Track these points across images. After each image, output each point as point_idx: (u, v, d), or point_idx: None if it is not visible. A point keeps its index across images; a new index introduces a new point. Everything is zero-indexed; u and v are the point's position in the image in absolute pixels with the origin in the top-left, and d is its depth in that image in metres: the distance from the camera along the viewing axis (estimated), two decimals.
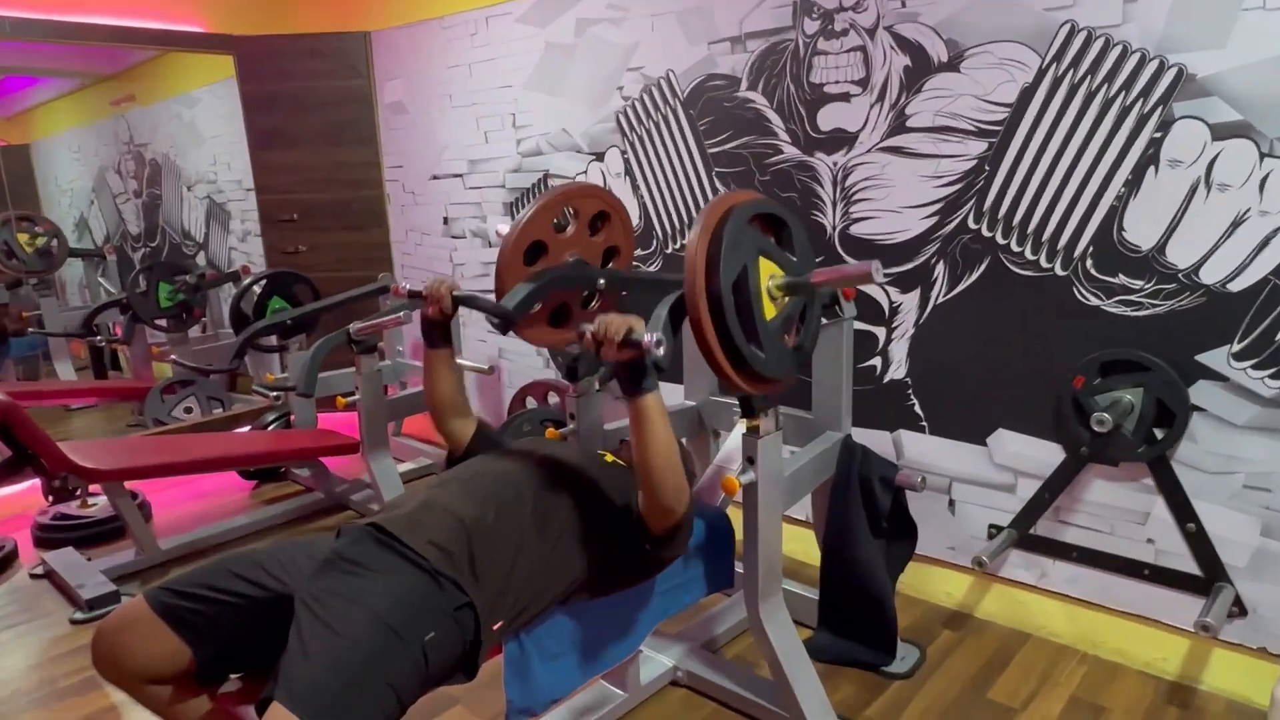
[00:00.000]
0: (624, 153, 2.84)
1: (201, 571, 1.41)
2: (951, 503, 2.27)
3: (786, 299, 1.57)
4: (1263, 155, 1.69)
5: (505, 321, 1.68)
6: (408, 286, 1.80)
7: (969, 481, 2.22)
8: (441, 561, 1.39)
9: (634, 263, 2.87)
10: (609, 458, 1.79)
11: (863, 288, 2.28)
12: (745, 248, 1.48)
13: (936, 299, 2.18)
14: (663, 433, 1.46)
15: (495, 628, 1.42)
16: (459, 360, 3.06)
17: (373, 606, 1.26)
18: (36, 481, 2.53)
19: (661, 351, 1.39)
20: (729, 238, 1.45)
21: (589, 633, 1.66)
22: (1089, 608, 2.08)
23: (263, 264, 4.15)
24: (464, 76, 3.31)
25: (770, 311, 1.53)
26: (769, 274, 1.54)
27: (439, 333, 1.79)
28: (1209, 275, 1.79)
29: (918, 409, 2.28)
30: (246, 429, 3.65)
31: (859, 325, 2.31)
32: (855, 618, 2.00)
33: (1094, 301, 1.93)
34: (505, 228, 1.81)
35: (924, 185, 2.14)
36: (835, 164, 2.30)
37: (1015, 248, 2.03)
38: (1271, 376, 1.76)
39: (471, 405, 3.67)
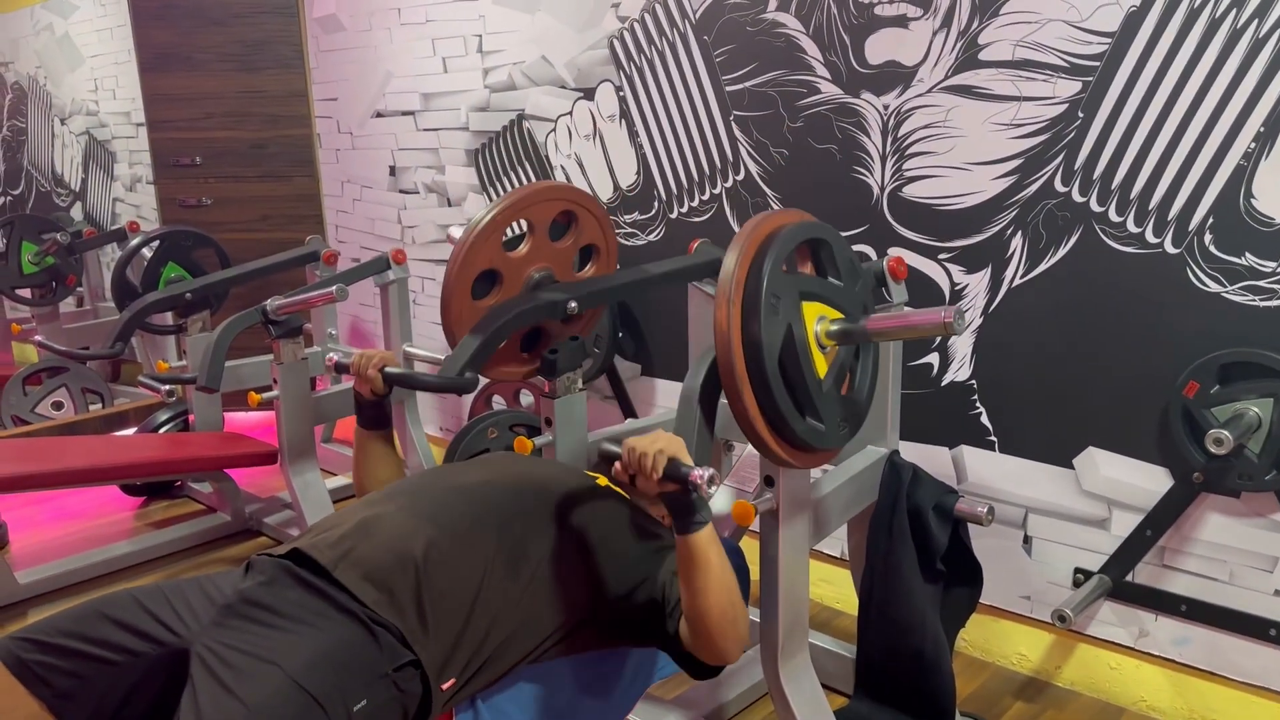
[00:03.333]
0: (619, 89, 2.84)
1: (70, 617, 1.41)
2: (1027, 540, 2.28)
3: (838, 346, 1.59)
4: None
5: (459, 390, 1.75)
6: (336, 358, 1.96)
7: (1050, 514, 2.23)
8: (381, 605, 1.40)
9: (633, 230, 2.88)
10: (602, 481, 1.80)
11: (919, 266, 2.29)
12: (786, 303, 1.50)
13: (1012, 281, 2.18)
14: (719, 574, 1.48)
15: (445, 687, 1.44)
16: (409, 349, 3.10)
17: (287, 666, 1.27)
18: None
19: (715, 489, 1.43)
20: (766, 302, 1.47)
21: (563, 698, 1.67)
22: (1201, 677, 2.10)
23: (156, 220, 4.15)
24: None
25: (821, 367, 1.56)
26: (815, 317, 1.56)
27: (372, 413, 1.89)
28: None
29: (985, 420, 2.29)
30: (132, 431, 3.65)
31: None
32: (901, 683, 2.01)
33: (1213, 287, 1.93)
34: (459, 232, 1.87)
35: (999, 136, 2.15)
36: (886, 107, 2.30)
37: (1114, 217, 2.03)
38: None
39: (426, 406, 3.69)
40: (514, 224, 1.90)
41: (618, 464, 1.48)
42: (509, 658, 1.54)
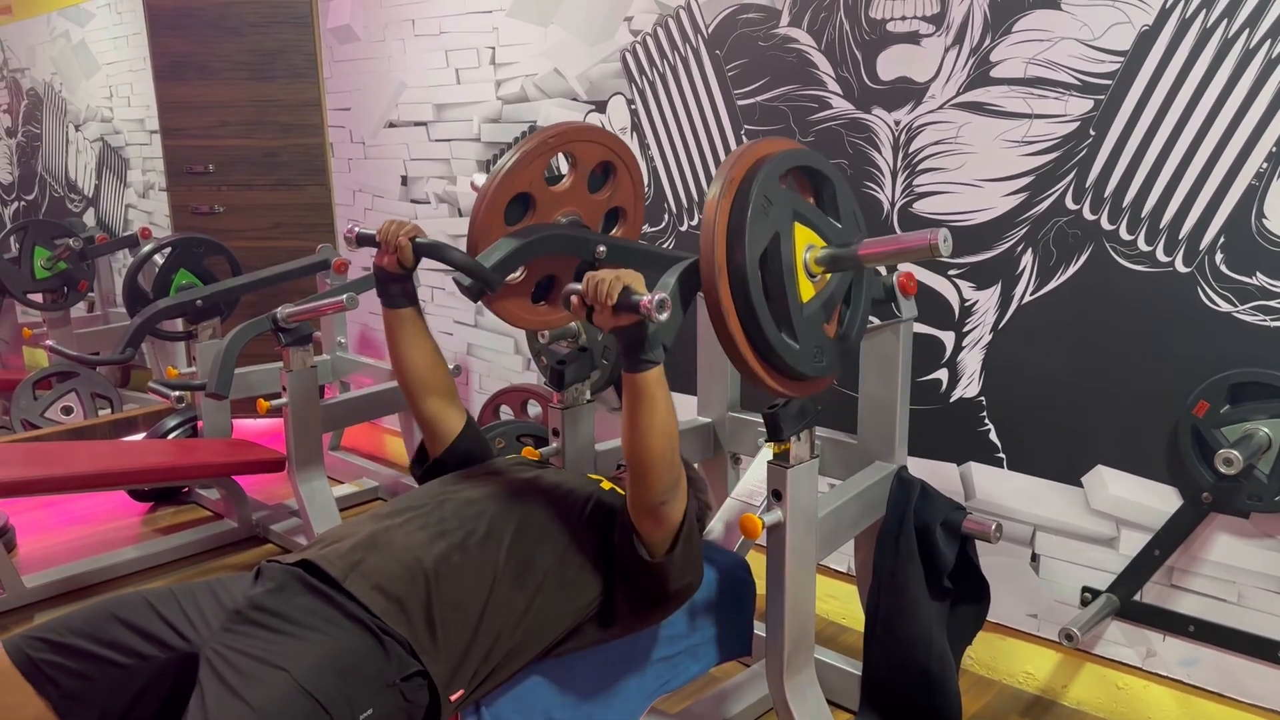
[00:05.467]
0: (631, 103, 2.85)
1: (81, 617, 1.42)
2: (1035, 558, 2.28)
3: (827, 276, 1.58)
4: None
5: (480, 284, 1.68)
6: (358, 229, 1.83)
7: (1058, 532, 2.23)
8: (390, 614, 1.40)
9: (643, 243, 2.88)
10: (606, 484, 1.81)
11: (929, 281, 2.29)
12: (778, 211, 1.50)
13: (1021, 298, 2.19)
14: (663, 414, 1.49)
15: (454, 698, 1.44)
16: None
17: (294, 671, 1.27)
18: None
19: (664, 316, 1.42)
20: (758, 197, 1.46)
21: (566, 707, 1.67)
22: (1208, 698, 2.09)
23: (168, 227, 4.18)
24: None
25: (807, 291, 1.55)
26: (806, 244, 1.56)
27: (398, 289, 1.80)
28: None
29: (993, 436, 2.29)
30: (141, 436, 3.67)
31: (920, 328, 2.32)
32: (907, 700, 2.01)
33: (1224, 307, 1.93)
34: (483, 179, 1.83)
35: (1010, 153, 2.15)
36: (897, 123, 2.31)
37: (1125, 235, 2.04)
38: None
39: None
40: (555, 163, 1.89)
41: (575, 296, 1.48)
42: (516, 664, 1.54)
